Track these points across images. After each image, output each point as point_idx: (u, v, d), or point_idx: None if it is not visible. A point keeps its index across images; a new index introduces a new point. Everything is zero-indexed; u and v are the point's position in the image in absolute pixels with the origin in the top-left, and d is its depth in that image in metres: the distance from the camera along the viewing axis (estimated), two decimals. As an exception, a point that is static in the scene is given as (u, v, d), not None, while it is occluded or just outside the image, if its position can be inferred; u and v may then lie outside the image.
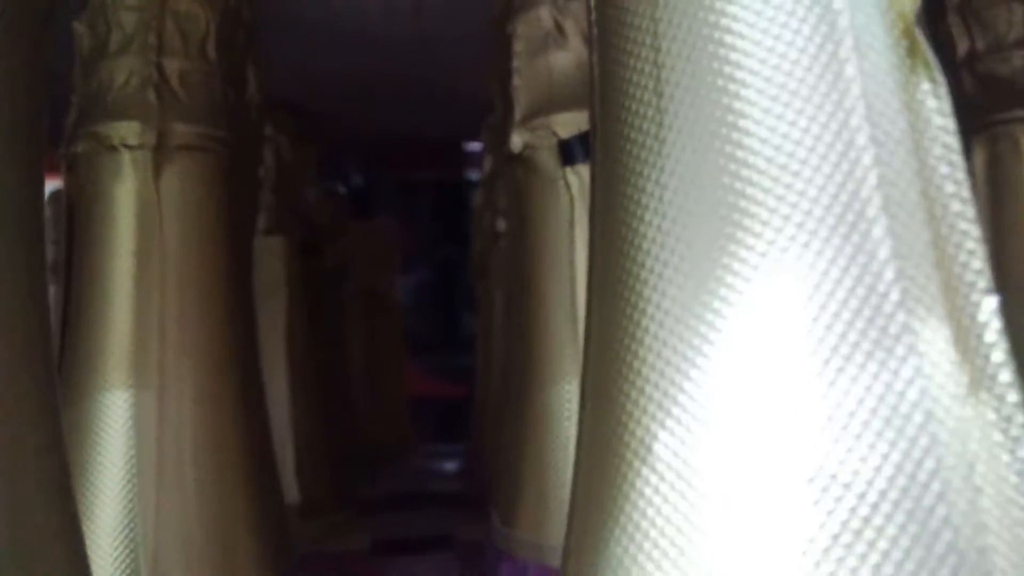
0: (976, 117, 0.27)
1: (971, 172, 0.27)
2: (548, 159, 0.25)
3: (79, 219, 0.24)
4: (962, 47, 0.27)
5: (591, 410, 0.12)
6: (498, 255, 0.43)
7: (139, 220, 0.23)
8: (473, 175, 0.76)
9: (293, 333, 0.39)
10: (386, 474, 0.54)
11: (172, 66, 0.24)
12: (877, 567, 0.09)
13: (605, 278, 0.12)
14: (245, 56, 0.26)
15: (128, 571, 0.22)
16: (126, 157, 0.23)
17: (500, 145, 0.29)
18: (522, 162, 0.25)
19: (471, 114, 0.42)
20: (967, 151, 0.27)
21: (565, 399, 0.24)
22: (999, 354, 0.10)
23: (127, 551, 0.22)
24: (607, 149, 0.12)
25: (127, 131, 0.23)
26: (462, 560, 0.32)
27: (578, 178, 0.24)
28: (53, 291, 0.26)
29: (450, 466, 0.60)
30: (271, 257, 0.37)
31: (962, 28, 0.27)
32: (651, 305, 0.11)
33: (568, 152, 0.24)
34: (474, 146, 0.72)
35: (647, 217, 0.11)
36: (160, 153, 0.23)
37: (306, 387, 0.40)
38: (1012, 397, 0.10)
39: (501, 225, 0.39)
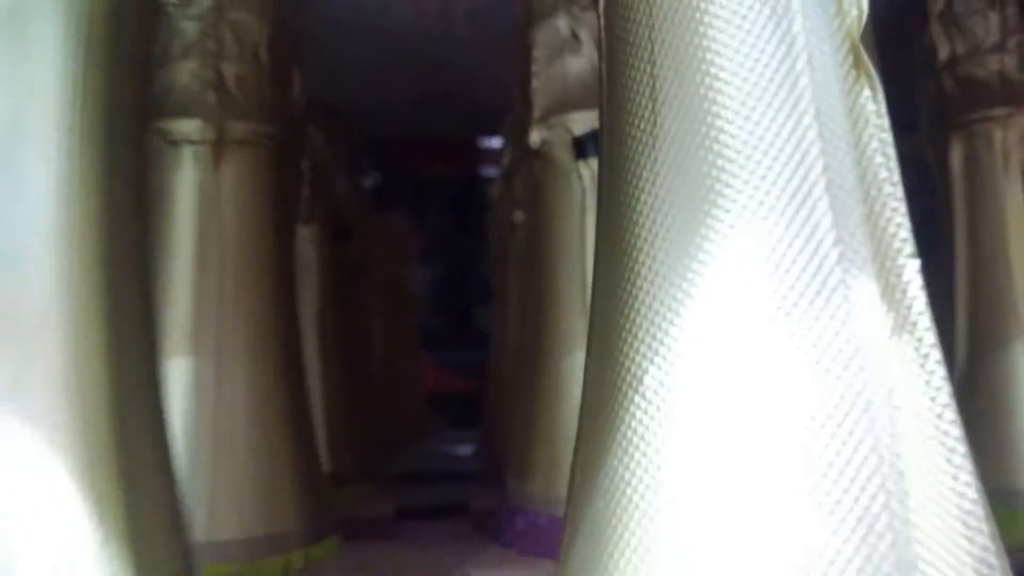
0: (955, 115, 0.30)
1: (949, 165, 0.30)
2: (563, 153, 0.27)
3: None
4: (943, 52, 0.30)
5: (595, 351, 0.14)
6: (515, 246, 0.46)
7: (200, 207, 0.26)
8: (487, 172, 0.79)
9: (324, 317, 0.42)
10: (404, 455, 0.57)
11: (229, 70, 0.27)
12: (811, 463, 0.12)
13: (609, 246, 0.14)
14: (290, 60, 0.29)
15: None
16: (188, 151, 0.26)
17: (519, 141, 0.31)
18: (539, 156, 0.28)
19: (488, 114, 0.45)
20: (946, 147, 0.30)
21: (575, 369, 0.27)
22: (919, 306, 0.13)
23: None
24: (612, 140, 0.15)
25: (190, 128, 0.26)
26: (476, 526, 0.35)
27: (590, 171, 0.27)
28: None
29: (464, 450, 0.62)
30: (305, 244, 0.40)
31: (943, 35, 0.30)
32: (644, 267, 0.14)
33: (581, 147, 0.27)
34: (488, 144, 0.74)
35: (643, 197, 0.14)
36: (218, 147, 0.26)
37: (335, 367, 0.43)
38: (929, 340, 0.13)
39: (519, 216, 0.42)
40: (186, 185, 0.26)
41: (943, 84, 0.30)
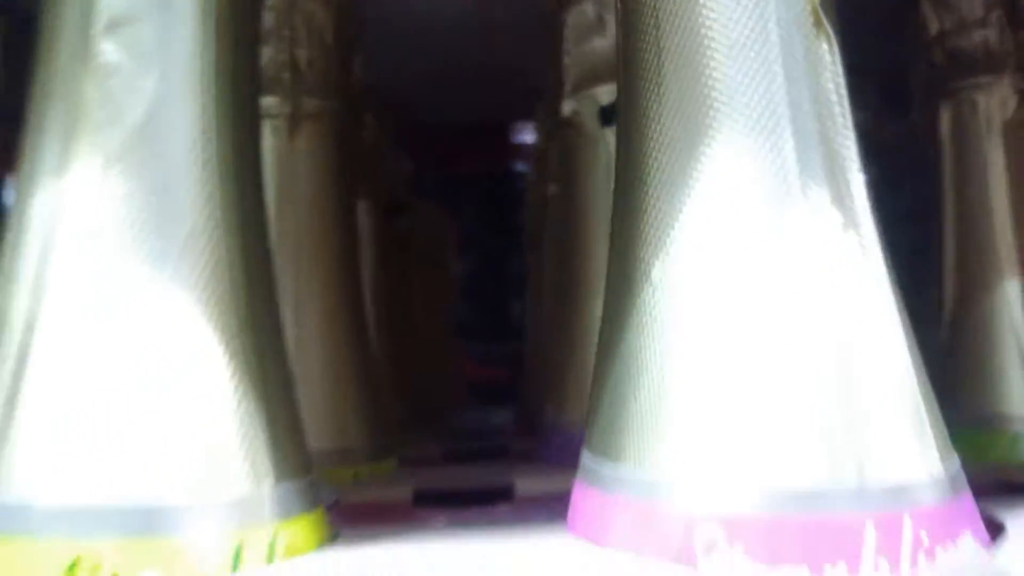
0: (944, 84, 0.33)
1: (939, 129, 0.33)
2: (591, 122, 0.31)
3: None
4: (933, 27, 0.33)
5: (615, 254, 0.18)
6: (549, 221, 0.50)
7: (279, 174, 0.31)
8: (519, 166, 0.83)
9: (376, 286, 0.46)
10: (444, 420, 0.61)
11: (301, 54, 0.31)
12: (779, 329, 0.15)
13: (626, 171, 0.18)
14: (352, 44, 0.33)
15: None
16: (267, 124, 0.31)
17: (551, 115, 0.35)
18: (570, 125, 0.32)
19: (521, 102, 0.49)
20: (937, 113, 0.33)
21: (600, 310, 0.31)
22: (864, 209, 0.16)
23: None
24: (628, 93, 0.19)
25: (268, 103, 0.30)
26: (515, 465, 0.38)
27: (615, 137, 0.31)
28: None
29: (499, 418, 0.66)
30: (359, 218, 0.44)
31: (933, 12, 0.33)
32: (652, 186, 0.17)
33: (607, 116, 0.31)
34: (521, 137, 0.78)
35: (651, 133, 0.18)
36: (294, 121, 0.31)
37: (386, 333, 0.47)
38: (870, 236, 0.16)
39: (552, 189, 0.45)
40: (266, 153, 0.31)
41: (933, 56, 0.33)
